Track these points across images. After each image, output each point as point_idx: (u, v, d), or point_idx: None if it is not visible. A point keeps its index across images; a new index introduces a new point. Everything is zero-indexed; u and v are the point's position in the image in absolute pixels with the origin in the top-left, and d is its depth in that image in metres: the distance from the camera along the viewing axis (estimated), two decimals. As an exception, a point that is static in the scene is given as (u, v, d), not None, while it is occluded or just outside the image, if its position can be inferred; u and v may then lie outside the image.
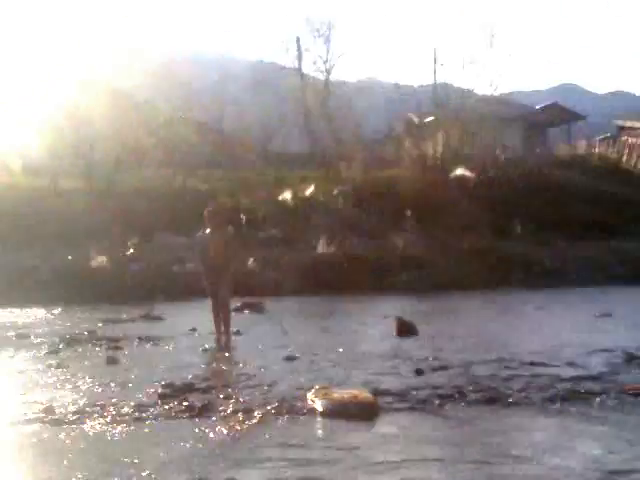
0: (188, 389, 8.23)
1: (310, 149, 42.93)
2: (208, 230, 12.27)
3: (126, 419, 7.07)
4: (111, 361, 10.18)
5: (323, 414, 7.14)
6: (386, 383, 8.39)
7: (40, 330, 13.79)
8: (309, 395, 7.68)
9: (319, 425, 6.91)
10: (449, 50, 59.80)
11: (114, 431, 6.71)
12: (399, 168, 33.37)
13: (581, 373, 8.88)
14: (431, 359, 9.90)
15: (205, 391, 8.18)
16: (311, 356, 10.36)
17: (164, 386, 8.30)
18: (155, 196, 27.80)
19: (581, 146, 42.48)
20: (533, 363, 9.47)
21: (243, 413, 7.15)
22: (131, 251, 22.95)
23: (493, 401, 7.59)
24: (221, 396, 7.88)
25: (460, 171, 32.38)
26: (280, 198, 29.87)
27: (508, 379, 8.55)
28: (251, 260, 22.02)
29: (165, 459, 5.88)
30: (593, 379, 8.56)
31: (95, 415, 7.22)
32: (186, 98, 36.18)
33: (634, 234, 26.13)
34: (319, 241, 23.67)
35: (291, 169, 34.90)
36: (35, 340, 12.47)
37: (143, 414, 7.24)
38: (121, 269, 21.56)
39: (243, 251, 19.86)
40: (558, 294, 19.76)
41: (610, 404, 7.48)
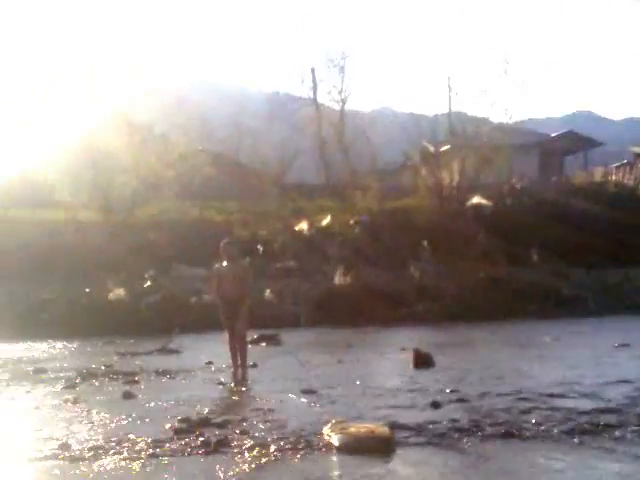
0: (204, 424, 8.22)
1: (326, 179, 43.07)
2: (225, 262, 12.30)
3: (142, 455, 7.07)
4: (127, 395, 10.18)
5: (339, 449, 7.10)
6: (403, 417, 8.34)
7: (57, 364, 13.82)
8: (325, 430, 7.65)
9: (335, 461, 6.87)
10: (463, 79, 59.97)
11: (130, 467, 6.70)
12: (415, 197, 33.41)
13: (599, 405, 8.79)
14: (448, 391, 9.84)
15: (221, 426, 8.16)
16: (328, 389, 10.33)
17: (180, 421, 8.29)
18: (172, 228, 27.93)
19: (598, 173, 42.36)
20: (551, 395, 9.41)
21: (259, 448, 7.13)
22: (148, 283, 23.01)
23: (511, 435, 7.53)
24: (237, 431, 7.86)
25: (476, 200, 32.38)
26: (296, 229, 29.95)
27: (526, 412, 8.49)
28: (268, 291, 22.02)
29: (180, 496, 5.87)
30: (612, 411, 8.48)
31: (111, 451, 7.22)
32: (203, 130, 36.47)
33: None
34: (335, 272, 23.64)
35: (307, 200, 35.02)
36: (52, 375, 12.49)
37: (159, 449, 7.23)
38: (138, 302, 21.61)
39: (259, 282, 19.94)
40: (575, 324, 19.60)
41: (629, 437, 7.40)
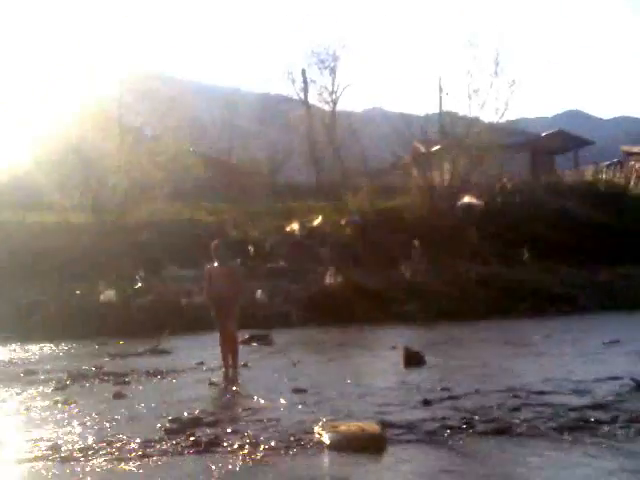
0: (195, 423, 8.21)
1: (317, 180, 43.09)
2: (216, 263, 12.29)
3: (133, 455, 7.05)
4: (118, 396, 10.16)
5: (330, 447, 7.10)
6: (394, 415, 8.35)
7: (47, 366, 13.79)
8: (316, 428, 7.65)
9: (326, 459, 6.87)
10: (454, 79, 60.03)
11: (120, 468, 6.69)
12: (406, 197, 33.43)
13: (590, 402, 8.82)
14: (439, 389, 9.86)
15: (212, 425, 8.15)
16: (319, 388, 10.32)
17: (171, 421, 8.28)
18: (163, 229, 27.86)
19: (588, 172, 42.48)
20: (541, 392, 9.43)
21: (250, 447, 7.12)
22: (139, 285, 22.97)
23: (502, 432, 7.53)
24: (228, 430, 7.85)
25: (467, 199, 32.42)
26: (287, 229, 29.93)
27: (516, 409, 8.50)
28: (259, 292, 22.01)
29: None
30: (601, 408, 8.50)
31: (102, 452, 7.19)
32: (194, 131, 36.43)
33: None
34: (326, 272, 23.65)
35: (298, 200, 35.02)
36: (42, 376, 12.46)
37: (150, 450, 7.21)
38: (129, 303, 21.57)
39: (250, 283, 19.93)
40: (566, 321, 19.67)
41: (619, 433, 7.42)
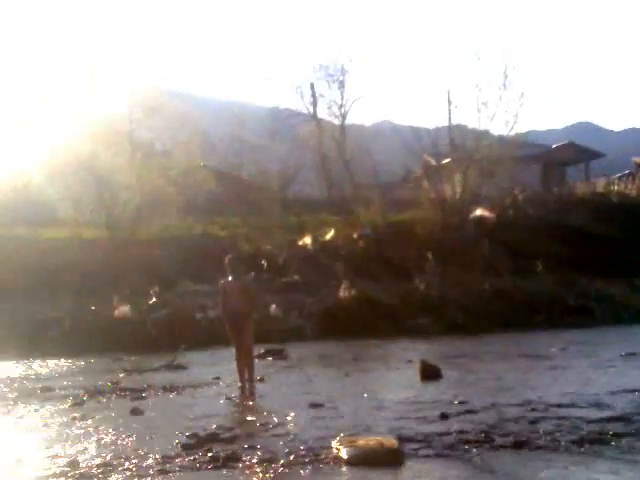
0: (212, 439, 8.20)
1: (328, 194, 43.12)
2: (230, 277, 12.31)
3: (150, 471, 7.04)
4: (135, 412, 10.17)
5: (348, 462, 7.07)
6: (412, 429, 8.32)
7: (64, 382, 13.82)
8: (334, 443, 7.62)
9: (344, 474, 6.84)
10: (463, 91, 59.97)
11: (139, 484, 6.69)
12: (418, 210, 33.43)
13: (608, 414, 8.77)
14: (456, 403, 9.82)
15: (229, 441, 8.14)
16: (335, 403, 10.30)
17: (188, 436, 8.27)
18: (176, 244, 27.95)
19: (600, 184, 42.39)
20: (559, 405, 9.38)
21: (268, 463, 7.10)
22: (153, 300, 23.01)
23: (520, 445, 7.49)
24: (245, 446, 7.83)
25: (479, 212, 32.40)
26: (300, 243, 29.96)
27: (534, 422, 8.46)
28: (273, 306, 22.02)
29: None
30: (620, 420, 8.46)
31: (120, 468, 7.19)
32: (204, 146, 36.56)
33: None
34: (340, 285, 23.64)
35: (310, 214, 35.05)
36: (59, 392, 12.48)
37: (167, 465, 7.20)
38: (144, 318, 21.62)
39: (264, 297, 19.95)
40: (582, 334, 19.57)
41: (638, 446, 7.36)
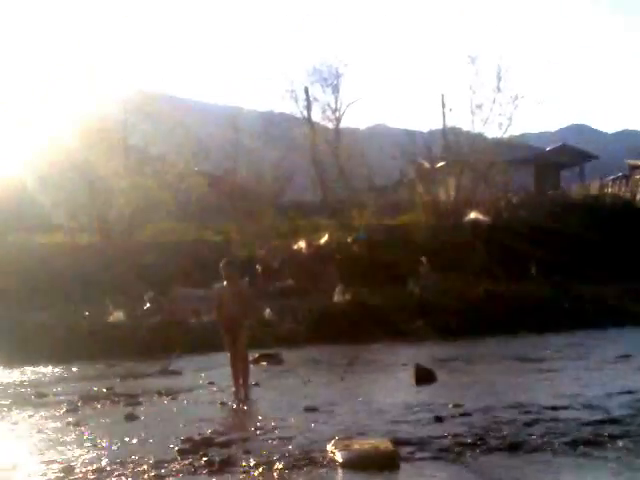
0: (207, 444, 8.20)
1: (323, 198, 43.13)
2: (224, 282, 12.31)
3: (146, 477, 7.05)
4: (130, 417, 10.16)
5: (344, 466, 7.09)
6: (407, 432, 8.34)
7: (58, 388, 13.80)
8: (329, 446, 7.64)
9: (340, 477, 6.86)
10: (457, 94, 60.05)
11: (135, 489, 6.69)
12: (412, 214, 33.47)
13: (602, 417, 8.80)
14: (451, 406, 9.84)
15: (225, 445, 8.14)
16: (330, 406, 10.32)
17: (183, 441, 8.27)
18: (170, 249, 27.91)
19: (594, 186, 42.45)
20: (554, 407, 9.40)
21: (263, 467, 7.11)
22: (147, 305, 22.99)
23: (514, 448, 7.52)
24: (241, 450, 7.84)
25: (473, 215, 32.44)
26: (295, 247, 29.95)
27: (529, 425, 8.49)
28: (267, 311, 22.01)
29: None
30: (615, 422, 8.49)
31: (115, 473, 7.20)
32: (198, 150, 36.52)
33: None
34: (335, 290, 23.64)
35: (304, 218, 35.04)
36: (53, 398, 12.47)
37: (163, 470, 7.21)
38: (138, 324, 21.58)
39: (259, 302, 19.94)
40: (576, 337, 19.60)
41: (633, 448, 7.39)
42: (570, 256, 27.52)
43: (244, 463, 7.29)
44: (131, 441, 8.62)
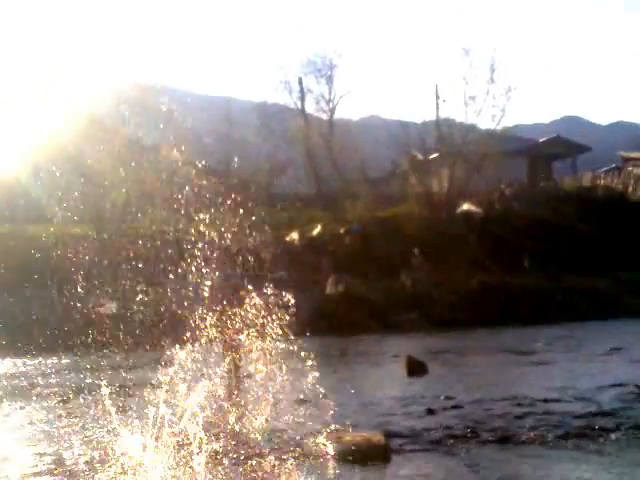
0: (200, 435, 8.17)
1: (316, 189, 43.04)
2: (217, 273, 12.26)
3: (138, 468, 7.01)
4: (121, 409, 10.12)
5: (336, 458, 7.08)
6: (398, 424, 8.34)
7: (50, 380, 13.78)
8: (321, 439, 7.62)
9: (332, 469, 6.84)
10: (451, 86, 59.95)
11: (126, 481, 6.66)
12: (405, 206, 33.42)
13: (594, 409, 8.80)
14: (442, 398, 9.84)
15: (217, 437, 8.11)
16: (322, 399, 10.27)
17: (175, 433, 8.24)
18: (163, 241, 27.82)
19: (586, 178, 42.44)
20: (545, 400, 9.41)
21: (255, 459, 7.10)
22: (140, 296, 22.91)
23: (506, 440, 7.52)
24: (233, 442, 7.82)
25: (466, 207, 32.42)
26: (287, 239, 29.89)
27: (520, 417, 8.49)
28: (259, 302, 21.94)
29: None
30: (606, 415, 8.49)
31: (107, 465, 7.16)
32: (191, 141, 36.44)
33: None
34: (327, 281, 23.62)
35: (297, 210, 34.95)
36: (45, 390, 12.44)
37: (155, 462, 7.18)
38: (130, 315, 21.51)
39: (250, 293, 19.87)
40: (568, 329, 19.63)
41: (624, 440, 7.40)
42: (563, 248, 27.53)
43: (236, 455, 7.26)
44: (122, 433, 8.57)
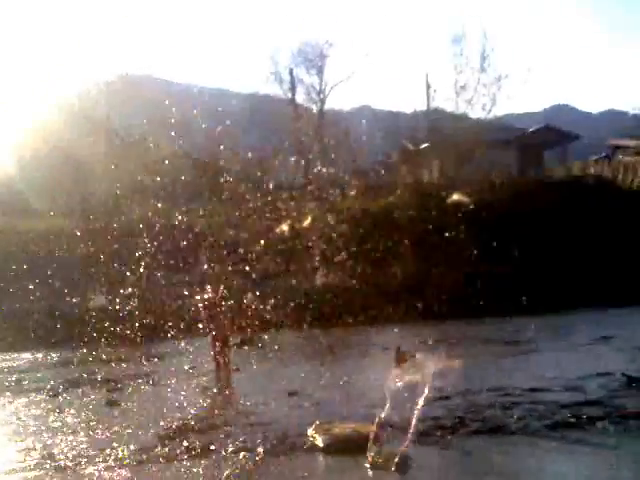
0: (188, 429, 8.20)
1: (306, 180, 43.03)
2: (206, 266, 12.28)
3: (127, 463, 7.04)
4: (111, 403, 10.14)
5: (324, 450, 7.11)
6: (387, 416, 8.34)
7: (39, 374, 13.77)
8: (310, 431, 7.64)
9: (320, 462, 6.87)
10: (441, 75, 60.05)
11: (115, 475, 6.67)
12: (395, 196, 33.41)
13: (581, 398, 8.83)
14: (432, 389, 9.85)
15: (205, 431, 8.14)
16: (311, 390, 10.32)
17: (164, 427, 8.26)
18: (152, 233, 27.75)
19: (577, 167, 42.50)
20: (533, 390, 9.44)
21: (244, 452, 7.11)
22: (129, 290, 22.87)
23: (494, 430, 7.56)
24: (222, 435, 7.84)
25: (456, 197, 32.43)
26: (277, 230, 29.85)
27: (509, 407, 8.52)
28: (249, 294, 21.95)
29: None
30: (594, 404, 8.52)
31: (96, 459, 7.18)
32: (181, 132, 36.32)
33: (634, 254, 26.09)
34: (317, 273, 23.62)
35: (288, 200, 34.91)
36: (34, 384, 12.43)
37: (144, 456, 7.21)
38: (119, 309, 21.48)
39: (240, 285, 19.90)
40: (558, 318, 19.70)
41: (611, 429, 7.44)
42: (552, 237, 27.57)
43: (225, 448, 7.28)
44: (112, 427, 8.59)
